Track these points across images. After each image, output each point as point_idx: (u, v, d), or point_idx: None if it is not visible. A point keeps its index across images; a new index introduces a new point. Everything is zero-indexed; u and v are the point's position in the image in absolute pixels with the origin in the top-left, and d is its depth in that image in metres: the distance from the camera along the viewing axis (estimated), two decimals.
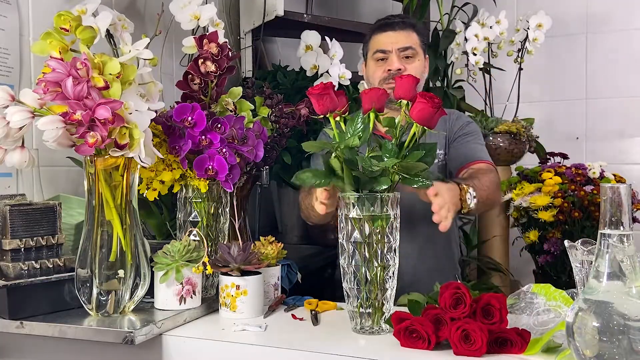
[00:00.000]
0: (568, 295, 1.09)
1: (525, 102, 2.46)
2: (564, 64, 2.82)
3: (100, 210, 1.15)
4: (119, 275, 1.15)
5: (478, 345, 0.97)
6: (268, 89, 1.78)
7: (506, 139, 2.28)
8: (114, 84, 1.09)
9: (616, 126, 2.74)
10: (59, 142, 1.08)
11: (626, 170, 2.52)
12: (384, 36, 1.71)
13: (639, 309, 0.82)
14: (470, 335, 0.97)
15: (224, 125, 1.30)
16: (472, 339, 0.97)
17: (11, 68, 1.44)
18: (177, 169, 1.31)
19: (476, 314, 1.02)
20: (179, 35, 1.66)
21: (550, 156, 2.47)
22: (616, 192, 0.85)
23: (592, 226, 2.09)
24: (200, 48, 1.35)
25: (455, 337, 0.98)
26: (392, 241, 1.12)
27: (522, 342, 0.98)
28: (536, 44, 2.31)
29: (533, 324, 1.05)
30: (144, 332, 1.09)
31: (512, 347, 0.99)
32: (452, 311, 1.01)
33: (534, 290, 1.11)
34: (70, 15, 1.13)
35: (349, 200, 1.12)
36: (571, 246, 1.08)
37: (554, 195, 2.12)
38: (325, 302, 1.33)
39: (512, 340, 0.99)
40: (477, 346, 0.97)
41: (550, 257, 2.11)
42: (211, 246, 1.34)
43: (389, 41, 1.69)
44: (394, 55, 1.68)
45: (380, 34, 1.72)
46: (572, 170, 2.20)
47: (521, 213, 2.22)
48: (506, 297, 1.08)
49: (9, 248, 1.15)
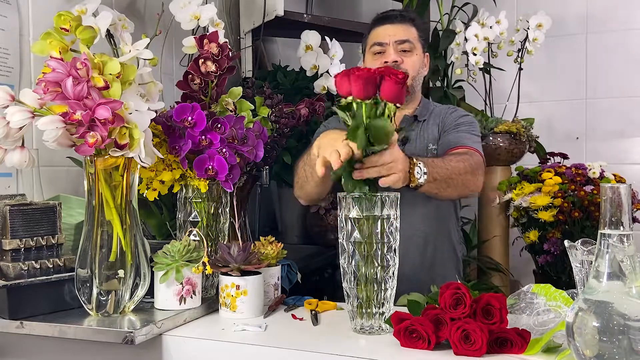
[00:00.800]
0: (568, 295, 1.09)
1: (525, 102, 2.46)
2: (564, 64, 2.82)
3: (100, 210, 1.15)
4: (119, 275, 1.15)
5: (478, 345, 0.97)
6: (268, 89, 1.78)
7: (506, 139, 2.28)
8: (114, 84, 1.09)
9: (616, 126, 2.74)
10: (59, 142, 1.08)
11: (626, 170, 2.52)
12: (382, 29, 1.70)
13: (639, 309, 0.82)
14: (470, 335, 0.97)
15: (224, 125, 1.30)
16: (472, 339, 0.97)
17: (11, 68, 1.44)
18: (177, 169, 1.31)
19: (476, 314, 1.02)
20: (179, 35, 1.66)
21: (550, 156, 2.47)
22: (616, 192, 0.85)
23: (592, 226, 2.08)
24: (201, 48, 1.35)
25: (455, 337, 0.98)
26: (392, 241, 1.12)
27: (522, 342, 0.98)
28: (536, 44, 2.31)
29: (533, 324, 1.05)
30: (144, 332, 1.09)
31: (512, 347, 0.99)
32: (452, 311, 1.01)
33: (534, 291, 1.11)
34: (70, 15, 1.13)
35: (349, 200, 1.12)
36: (571, 246, 1.08)
37: (554, 195, 2.12)
38: (325, 302, 1.33)
39: (512, 340, 0.99)
40: (477, 346, 0.97)
41: (550, 257, 2.11)
42: (211, 246, 1.34)
43: (386, 33, 1.69)
44: (391, 47, 1.68)
45: (379, 27, 1.71)
46: (572, 170, 2.20)
47: (521, 213, 2.22)
48: (506, 297, 1.08)
49: (9, 248, 1.15)
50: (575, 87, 2.81)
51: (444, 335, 1.01)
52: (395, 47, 1.68)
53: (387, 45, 1.68)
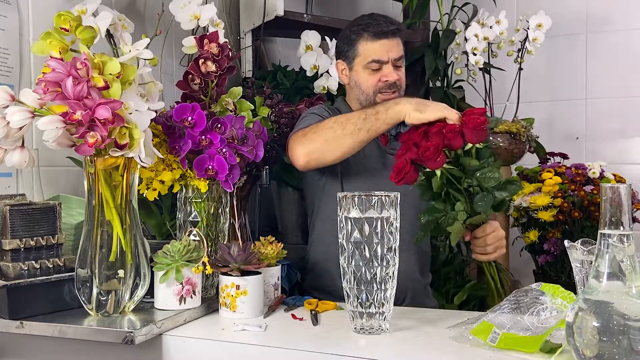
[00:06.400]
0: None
1: (525, 102, 2.46)
2: (564, 64, 2.82)
3: (100, 210, 1.15)
4: (119, 275, 1.15)
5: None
6: (268, 89, 1.78)
7: (506, 139, 2.27)
8: (114, 84, 1.09)
9: (616, 126, 2.74)
10: (59, 142, 1.08)
11: (626, 170, 2.51)
12: (379, 45, 1.64)
13: (639, 309, 0.82)
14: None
15: (224, 125, 1.30)
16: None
17: (11, 68, 1.44)
18: (177, 169, 1.31)
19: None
20: (179, 35, 1.66)
21: (550, 156, 2.46)
22: (616, 192, 0.85)
23: (592, 226, 2.08)
24: (201, 48, 1.35)
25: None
26: (392, 241, 1.12)
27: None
28: (536, 44, 2.30)
29: (536, 322, 1.05)
30: (144, 332, 1.09)
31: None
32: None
33: (542, 289, 1.10)
34: (70, 15, 1.13)
35: (349, 200, 1.12)
36: (571, 246, 1.08)
37: (554, 195, 2.12)
38: (325, 302, 1.33)
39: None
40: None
41: (550, 257, 2.10)
42: (211, 246, 1.34)
43: (384, 50, 1.63)
44: (390, 65, 1.64)
45: (374, 42, 1.64)
46: (572, 170, 2.19)
47: (521, 213, 2.22)
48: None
49: (9, 248, 1.15)
50: (575, 87, 2.80)
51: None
52: (393, 64, 1.65)
53: (385, 63, 1.64)
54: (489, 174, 1.30)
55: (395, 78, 1.64)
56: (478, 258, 1.44)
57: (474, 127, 1.28)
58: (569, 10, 2.77)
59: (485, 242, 1.40)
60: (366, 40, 1.65)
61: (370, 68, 1.65)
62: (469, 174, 1.31)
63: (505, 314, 1.03)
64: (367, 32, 1.65)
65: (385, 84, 1.64)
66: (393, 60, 1.64)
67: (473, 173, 1.31)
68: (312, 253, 1.75)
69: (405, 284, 1.59)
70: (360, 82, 1.68)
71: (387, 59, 1.64)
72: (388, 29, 1.64)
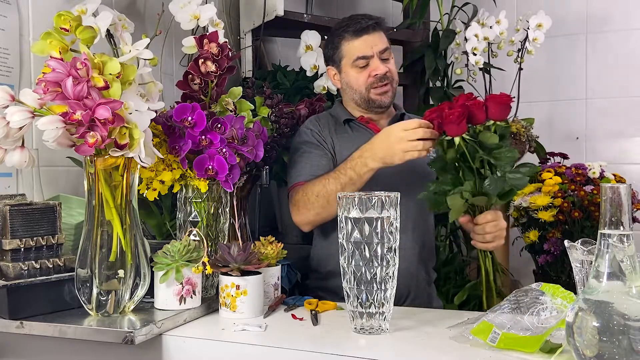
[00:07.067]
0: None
1: (525, 102, 2.46)
2: (564, 64, 2.82)
3: (100, 210, 1.15)
4: (119, 275, 1.15)
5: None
6: (268, 89, 1.78)
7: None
8: (114, 84, 1.09)
9: (616, 126, 2.74)
10: (59, 142, 1.08)
11: (626, 170, 2.51)
12: (361, 41, 1.65)
13: (639, 309, 0.82)
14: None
15: (224, 125, 1.30)
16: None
17: (11, 68, 1.44)
18: (177, 169, 1.31)
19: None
20: (179, 35, 1.66)
21: (550, 156, 2.46)
22: (616, 192, 0.85)
23: (592, 226, 2.08)
24: (201, 48, 1.35)
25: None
26: (392, 241, 1.12)
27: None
28: (536, 44, 2.31)
29: (536, 322, 1.05)
30: (144, 332, 1.09)
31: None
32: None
33: (542, 289, 1.10)
34: (70, 15, 1.13)
35: (349, 200, 1.12)
36: (571, 246, 1.08)
37: (554, 195, 2.12)
38: (325, 302, 1.33)
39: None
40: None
41: (550, 257, 2.10)
42: (211, 246, 1.34)
43: (368, 46, 1.64)
44: (376, 59, 1.65)
45: (355, 40, 1.65)
46: (572, 170, 2.19)
47: (521, 213, 2.22)
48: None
49: (9, 248, 1.15)
50: (575, 87, 2.80)
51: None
52: (380, 57, 1.65)
53: (371, 57, 1.65)
54: (506, 153, 1.31)
55: (384, 70, 1.65)
56: (476, 245, 1.43)
57: (499, 101, 1.30)
58: (569, 10, 2.77)
59: (484, 230, 1.39)
60: (348, 40, 1.67)
61: (358, 65, 1.66)
62: (486, 150, 1.31)
63: (505, 314, 1.03)
64: (347, 33, 1.67)
65: (376, 78, 1.65)
66: (378, 54, 1.65)
67: (490, 151, 1.31)
68: (316, 253, 1.75)
69: (409, 281, 1.62)
70: (351, 81, 1.69)
71: (372, 54, 1.65)
72: (367, 24, 1.66)
